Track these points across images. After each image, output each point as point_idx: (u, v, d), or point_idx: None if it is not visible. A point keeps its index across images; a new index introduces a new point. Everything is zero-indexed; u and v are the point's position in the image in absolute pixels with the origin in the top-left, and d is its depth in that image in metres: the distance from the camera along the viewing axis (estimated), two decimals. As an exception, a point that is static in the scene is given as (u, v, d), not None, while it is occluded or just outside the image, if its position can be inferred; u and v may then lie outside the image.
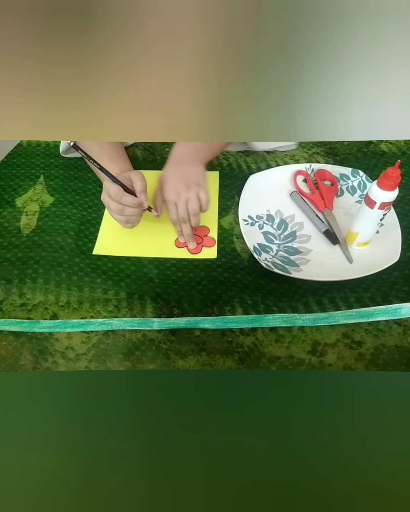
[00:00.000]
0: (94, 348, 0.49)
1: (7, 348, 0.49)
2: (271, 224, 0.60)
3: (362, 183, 0.64)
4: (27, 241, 0.59)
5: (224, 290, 0.54)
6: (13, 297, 0.54)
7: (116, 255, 0.57)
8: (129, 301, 0.53)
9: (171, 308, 0.52)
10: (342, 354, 0.48)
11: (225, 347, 0.49)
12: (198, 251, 0.58)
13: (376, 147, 0.72)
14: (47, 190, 0.66)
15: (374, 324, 0.50)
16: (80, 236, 0.60)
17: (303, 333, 0.50)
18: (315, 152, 0.71)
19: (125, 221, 0.55)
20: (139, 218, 0.56)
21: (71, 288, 0.54)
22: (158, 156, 0.71)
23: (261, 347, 0.49)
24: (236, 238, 0.59)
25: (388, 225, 0.57)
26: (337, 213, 0.61)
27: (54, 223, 0.62)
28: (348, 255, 0.55)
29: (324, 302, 0.52)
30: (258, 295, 0.53)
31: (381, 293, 0.53)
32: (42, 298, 0.54)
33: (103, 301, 0.53)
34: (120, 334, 0.50)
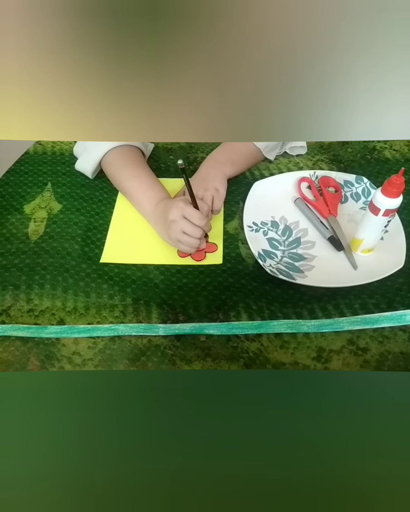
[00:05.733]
0: (100, 353, 0.50)
1: (14, 354, 0.50)
2: (276, 230, 0.60)
3: (366, 189, 0.64)
4: (35, 248, 0.60)
5: (229, 296, 0.54)
6: (21, 302, 0.54)
7: (124, 262, 0.58)
8: (135, 307, 0.54)
9: (177, 314, 0.53)
10: (347, 360, 0.48)
11: (230, 353, 0.49)
12: (202, 258, 0.58)
13: (380, 154, 0.72)
14: (55, 197, 0.67)
15: (379, 331, 0.50)
16: (87, 242, 0.61)
17: (308, 339, 0.50)
18: (319, 159, 0.72)
19: (194, 245, 0.54)
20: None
21: (78, 294, 0.55)
22: (163, 163, 0.72)
23: (266, 353, 0.49)
24: (241, 243, 0.60)
25: (393, 231, 0.57)
26: (341, 220, 0.61)
27: (62, 230, 0.62)
28: (352, 261, 0.56)
29: (329, 308, 0.52)
30: (263, 300, 0.53)
31: (386, 299, 0.53)
32: (49, 304, 0.54)
33: (109, 307, 0.54)
34: (126, 339, 0.51)
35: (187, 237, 0.53)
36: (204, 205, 0.56)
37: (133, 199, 0.62)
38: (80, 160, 0.68)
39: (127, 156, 0.64)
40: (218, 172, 0.62)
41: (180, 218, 0.53)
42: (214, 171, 0.62)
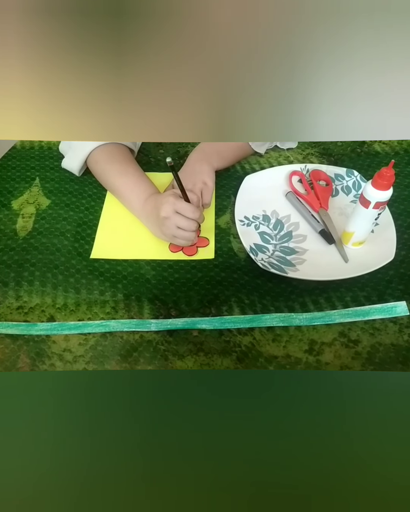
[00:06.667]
0: (91, 350, 0.49)
1: (4, 351, 0.49)
2: (267, 224, 0.60)
3: (356, 183, 0.64)
4: (24, 244, 0.59)
5: (221, 290, 0.54)
6: (10, 299, 0.54)
7: (114, 258, 0.57)
8: (127, 302, 0.53)
9: (169, 309, 0.52)
10: (339, 353, 0.48)
11: (223, 347, 0.49)
12: (194, 253, 0.58)
13: (370, 147, 0.73)
14: (43, 193, 0.66)
15: (370, 323, 0.51)
16: (77, 238, 0.60)
17: (300, 333, 0.50)
18: (309, 153, 0.72)
19: (191, 238, 0.54)
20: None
21: (68, 290, 0.54)
22: (152, 158, 0.71)
23: (258, 347, 0.49)
24: (232, 237, 0.60)
25: (383, 224, 0.57)
26: (332, 213, 0.61)
27: (51, 226, 0.62)
28: (343, 254, 0.56)
29: (320, 301, 0.53)
30: (254, 294, 0.53)
31: (376, 291, 0.53)
32: (39, 301, 0.53)
33: (100, 303, 0.53)
34: (117, 335, 0.50)
35: (182, 231, 0.53)
36: (194, 196, 0.55)
37: (122, 196, 0.62)
38: (66, 159, 0.67)
39: (112, 154, 0.63)
40: (205, 165, 0.61)
41: (173, 214, 0.52)
42: (201, 163, 0.62)
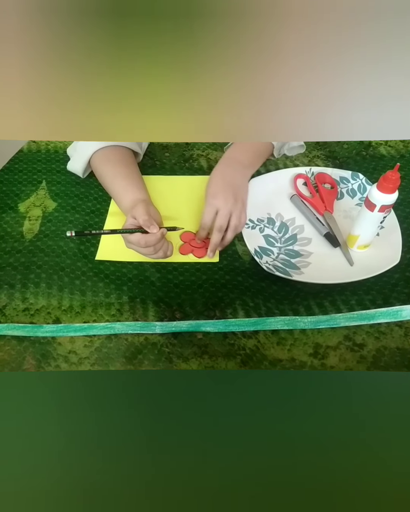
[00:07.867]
0: (97, 352, 0.49)
1: (10, 353, 0.49)
2: (272, 227, 0.60)
3: (362, 186, 0.64)
4: (30, 246, 0.60)
5: (225, 293, 0.54)
6: (16, 301, 0.54)
7: (119, 260, 0.58)
8: (132, 305, 0.53)
9: (173, 311, 0.53)
10: (344, 356, 0.48)
11: (227, 350, 0.49)
12: (204, 255, 0.58)
13: (375, 150, 0.72)
14: (50, 195, 0.67)
15: (376, 327, 0.50)
16: (83, 240, 0.60)
17: (305, 336, 0.50)
18: (315, 155, 0.72)
19: (163, 255, 0.54)
20: (168, 243, 0.56)
21: (74, 293, 0.55)
22: (158, 161, 0.72)
23: (263, 350, 0.49)
24: (237, 240, 0.60)
25: (389, 227, 0.57)
26: (337, 216, 0.61)
27: (57, 228, 0.62)
28: (348, 257, 0.56)
29: (325, 304, 0.52)
30: (259, 297, 0.53)
31: (382, 295, 0.53)
32: (45, 303, 0.54)
33: (105, 305, 0.53)
34: (122, 338, 0.50)
35: (138, 248, 0.53)
36: (238, 223, 0.56)
37: (114, 199, 0.62)
38: (71, 161, 0.68)
39: (109, 156, 0.63)
40: (245, 179, 0.60)
41: (128, 243, 0.53)
42: (240, 176, 0.60)
